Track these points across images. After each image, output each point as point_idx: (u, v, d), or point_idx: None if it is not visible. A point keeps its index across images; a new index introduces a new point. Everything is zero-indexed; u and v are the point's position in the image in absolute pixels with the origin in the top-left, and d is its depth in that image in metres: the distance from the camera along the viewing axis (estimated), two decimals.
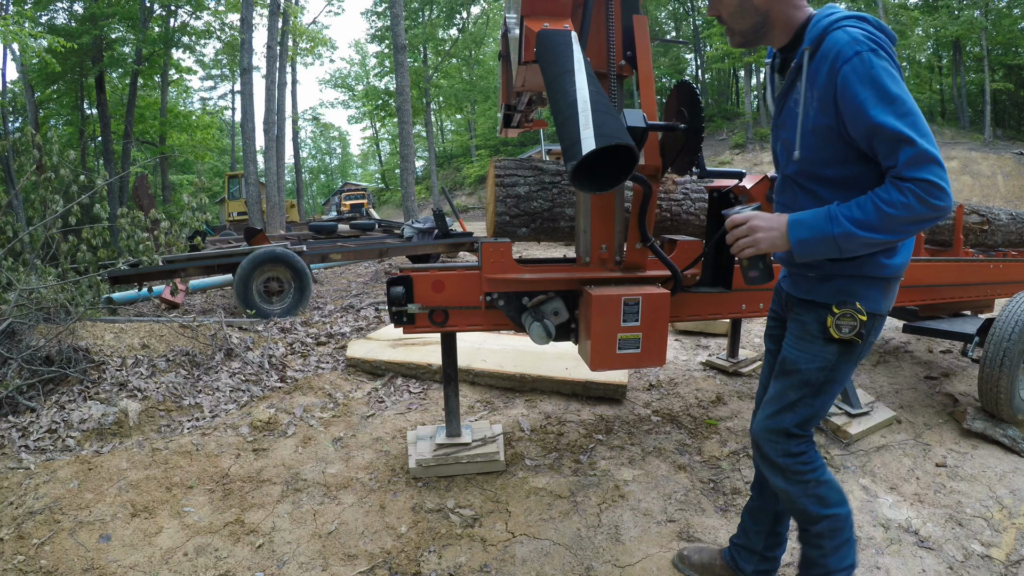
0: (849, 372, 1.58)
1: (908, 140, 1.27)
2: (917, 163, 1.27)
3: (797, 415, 1.59)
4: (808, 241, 1.40)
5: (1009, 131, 26.19)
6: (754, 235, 1.46)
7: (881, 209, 1.31)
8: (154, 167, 24.30)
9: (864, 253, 1.42)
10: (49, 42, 13.52)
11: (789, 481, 1.62)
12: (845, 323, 1.48)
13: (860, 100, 1.31)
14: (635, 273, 2.20)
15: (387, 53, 32.25)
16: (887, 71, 1.31)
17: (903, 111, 1.29)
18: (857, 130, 1.35)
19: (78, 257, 4.01)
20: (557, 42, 1.77)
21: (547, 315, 2.17)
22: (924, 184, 1.27)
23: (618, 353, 2.03)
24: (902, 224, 1.31)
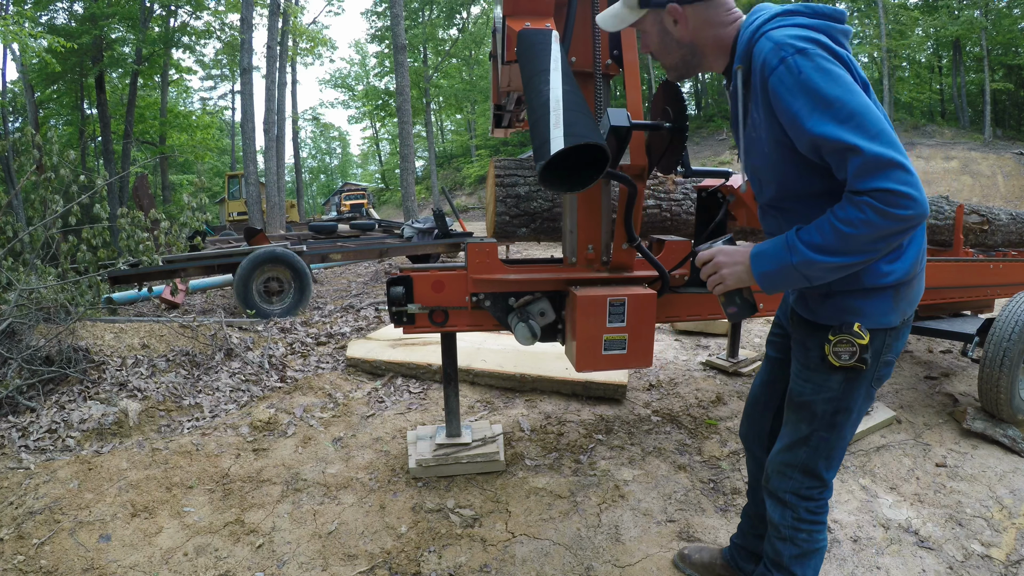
0: (862, 399, 1.43)
1: (853, 148, 1.12)
2: (869, 172, 1.12)
3: (812, 449, 1.47)
4: (771, 274, 1.29)
5: (1009, 131, 26.19)
6: (719, 272, 1.38)
7: (839, 230, 1.17)
8: (154, 167, 24.30)
9: (838, 277, 1.28)
10: (49, 42, 13.53)
11: (785, 519, 1.52)
12: (843, 349, 1.35)
13: (794, 112, 1.19)
14: (622, 273, 2.18)
15: (387, 53, 32.25)
16: (820, 71, 1.16)
17: (844, 114, 1.14)
18: (802, 146, 1.23)
19: (78, 257, 4.01)
20: (535, 42, 1.75)
21: (533, 316, 2.16)
22: (881, 194, 1.11)
23: (604, 354, 2.01)
24: (868, 243, 1.16)
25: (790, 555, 1.51)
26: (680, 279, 2.30)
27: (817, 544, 1.51)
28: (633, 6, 1.42)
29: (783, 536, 1.52)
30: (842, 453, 1.50)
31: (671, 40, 1.43)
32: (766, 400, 1.75)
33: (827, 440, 1.46)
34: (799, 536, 1.50)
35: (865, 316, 1.35)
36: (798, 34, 1.21)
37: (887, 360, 1.42)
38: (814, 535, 1.51)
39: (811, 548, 1.51)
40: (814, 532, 1.51)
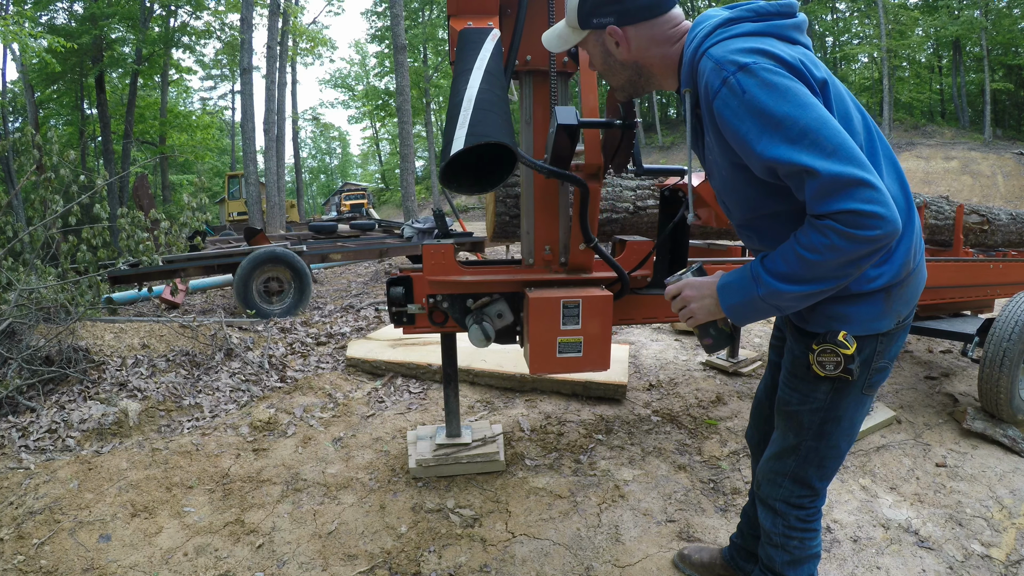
0: (854, 407, 1.37)
1: (808, 171, 1.04)
2: (828, 193, 1.03)
3: (801, 459, 1.42)
4: (738, 307, 1.23)
5: (1009, 131, 26.20)
6: (688, 306, 1.32)
7: (803, 257, 1.09)
8: (154, 167, 24.31)
9: (811, 303, 1.21)
10: (49, 42, 13.53)
11: (776, 526, 1.50)
12: (827, 359, 1.28)
13: (743, 136, 1.11)
14: (579, 275, 2.15)
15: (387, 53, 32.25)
16: (766, 87, 1.08)
17: (795, 133, 1.05)
18: (757, 170, 1.16)
19: (78, 257, 4.01)
20: (468, 40, 1.73)
21: (490, 317, 2.14)
22: (844, 216, 1.02)
23: (558, 357, 1.98)
24: (835, 268, 1.08)
25: (782, 561, 1.50)
26: (643, 280, 2.27)
27: (810, 551, 1.48)
28: (575, 26, 1.36)
29: (775, 543, 1.50)
30: (836, 462, 1.44)
31: (614, 62, 1.36)
32: (769, 404, 1.73)
33: (816, 449, 1.41)
34: (790, 543, 1.48)
35: (853, 323, 1.27)
36: (740, 47, 1.12)
37: (880, 366, 1.35)
38: (806, 542, 1.48)
39: (803, 555, 1.48)
40: (806, 539, 1.48)
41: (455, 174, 1.49)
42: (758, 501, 1.56)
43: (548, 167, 1.86)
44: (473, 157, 1.47)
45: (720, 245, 3.57)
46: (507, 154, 1.48)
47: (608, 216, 2.82)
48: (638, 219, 2.86)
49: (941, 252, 3.66)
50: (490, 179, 1.53)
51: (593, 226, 2.05)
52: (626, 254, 2.23)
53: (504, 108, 1.54)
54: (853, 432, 1.41)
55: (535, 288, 2.08)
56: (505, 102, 1.58)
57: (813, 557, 1.50)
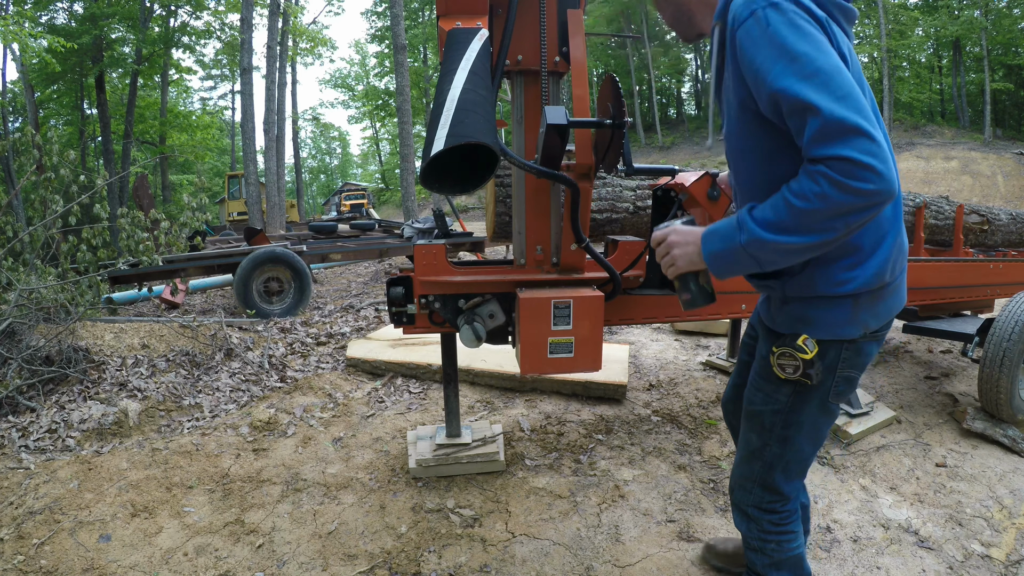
0: (818, 412, 1.35)
1: (811, 108, 1.00)
2: (827, 137, 0.99)
3: (766, 464, 1.42)
4: (720, 254, 1.18)
5: (1009, 131, 26.20)
6: (671, 252, 1.28)
7: (792, 204, 1.05)
8: (154, 167, 24.31)
9: (791, 263, 1.16)
10: (49, 42, 13.54)
11: (751, 531, 1.50)
12: (786, 362, 1.28)
13: (757, 63, 1.09)
14: (571, 275, 2.15)
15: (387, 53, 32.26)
16: (790, 24, 1.06)
17: (809, 70, 1.02)
18: (763, 104, 1.12)
19: (78, 257, 4.01)
20: (455, 41, 1.72)
21: (482, 318, 2.14)
22: (838, 163, 0.98)
23: (549, 357, 1.98)
24: (822, 220, 1.03)
25: (763, 564, 1.50)
26: (636, 280, 2.27)
27: (789, 552, 1.47)
28: None
29: (753, 547, 1.51)
30: (802, 465, 1.43)
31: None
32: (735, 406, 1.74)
33: (781, 456, 1.40)
34: (768, 547, 1.48)
35: (818, 326, 1.26)
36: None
37: (847, 376, 1.31)
38: (784, 544, 1.47)
39: (783, 557, 1.47)
40: (783, 542, 1.47)
41: (436, 175, 1.48)
42: (732, 506, 1.56)
43: (537, 167, 1.85)
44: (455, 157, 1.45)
45: None
46: (489, 154, 1.47)
47: (608, 216, 2.82)
48: (638, 219, 2.86)
49: (941, 252, 3.66)
50: (472, 180, 1.52)
51: (584, 226, 2.04)
52: (618, 254, 2.22)
53: (488, 108, 1.53)
54: (818, 437, 1.39)
55: (526, 288, 2.08)
56: (489, 102, 1.56)
57: (794, 558, 1.49)
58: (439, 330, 2.26)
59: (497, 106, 2.25)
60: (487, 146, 1.43)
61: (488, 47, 1.74)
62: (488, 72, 1.68)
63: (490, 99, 1.58)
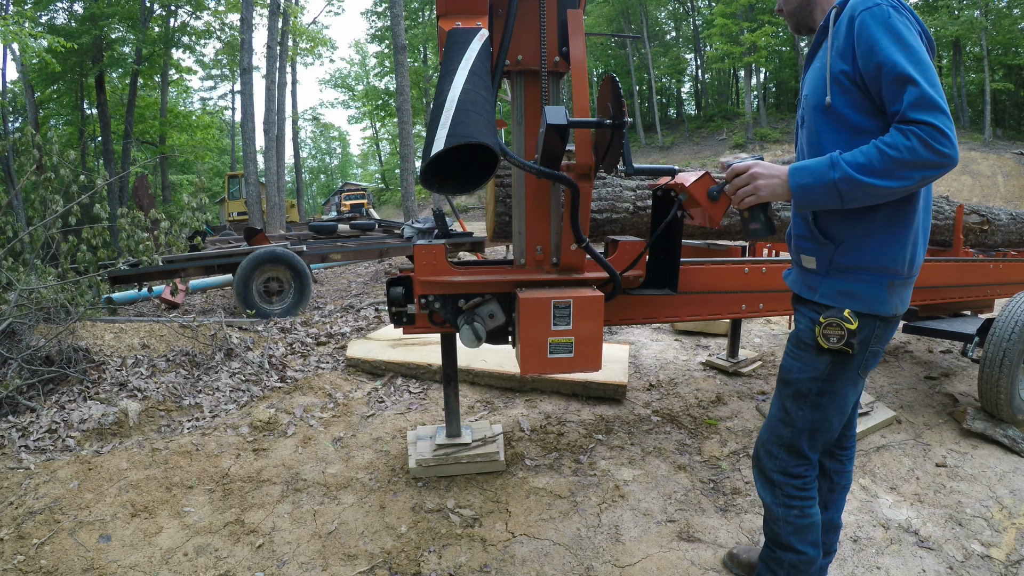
0: (849, 384, 1.51)
1: (914, 81, 1.25)
2: (922, 106, 1.24)
3: (796, 430, 1.54)
4: (808, 187, 1.36)
5: (1009, 131, 26.19)
6: (755, 182, 1.43)
7: (884, 152, 1.27)
8: (154, 167, 24.31)
9: (867, 203, 1.35)
10: (49, 42, 13.53)
11: (776, 498, 1.59)
12: (832, 332, 1.43)
13: (875, 39, 1.30)
14: (571, 275, 2.15)
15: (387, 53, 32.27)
16: (905, 24, 1.30)
17: (915, 58, 1.27)
18: (868, 67, 1.32)
19: (78, 257, 4.01)
20: (455, 41, 1.72)
21: (482, 318, 2.14)
22: (928, 128, 1.23)
23: (549, 357, 1.98)
24: (906, 168, 1.26)
25: (787, 532, 1.58)
26: (636, 280, 2.26)
27: (810, 519, 1.57)
28: None
29: (776, 516, 1.60)
30: (826, 436, 1.55)
31: None
32: None
33: (810, 420, 1.52)
34: (791, 513, 1.57)
35: (860, 300, 1.43)
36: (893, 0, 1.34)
37: (875, 350, 1.49)
38: (806, 510, 1.57)
39: (805, 523, 1.57)
40: (805, 507, 1.57)
41: (436, 175, 1.48)
42: (755, 474, 1.66)
43: (537, 168, 1.84)
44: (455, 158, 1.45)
45: (720, 245, 3.57)
46: (489, 154, 1.47)
47: (608, 216, 2.82)
48: (638, 219, 2.86)
49: (941, 252, 3.66)
50: (472, 180, 1.52)
51: (584, 226, 2.04)
52: (618, 254, 2.22)
53: (488, 108, 1.53)
54: (844, 408, 1.53)
55: (526, 288, 2.08)
56: (490, 102, 1.56)
57: (813, 525, 1.58)
58: (439, 330, 2.26)
59: (497, 106, 2.25)
60: (487, 146, 1.43)
61: (488, 47, 1.74)
62: (488, 72, 1.68)
63: (490, 99, 1.58)
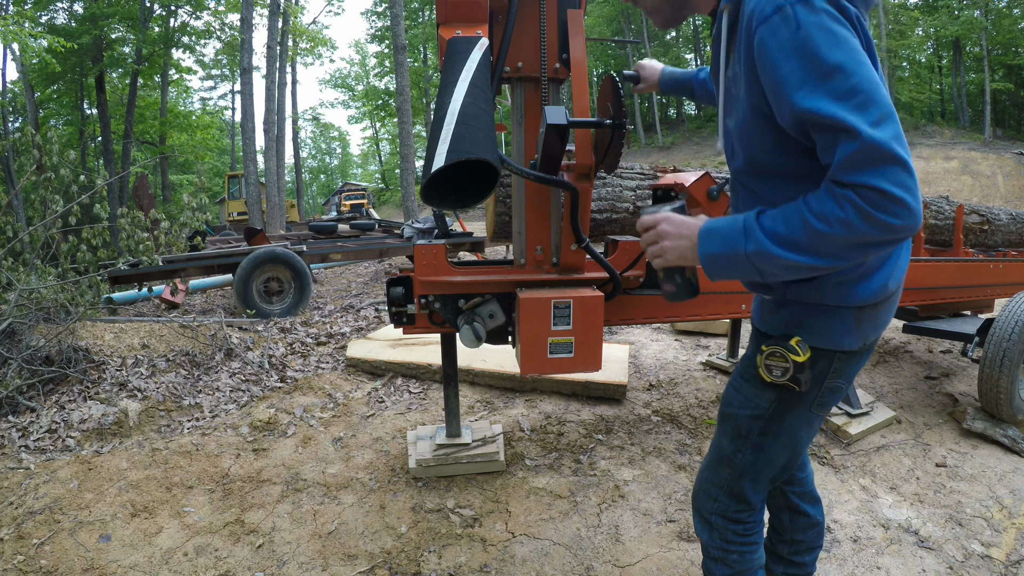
0: (800, 424, 1.26)
1: (849, 130, 0.90)
2: (862, 162, 0.90)
3: (736, 471, 1.33)
4: (718, 258, 1.08)
5: (1009, 131, 26.20)
6: (661, 243, 1.16)
7: (810, 225, 0.95)
8: (154, 167, 24.32)
9: (793, 278, 1.09)
10: (49, 42, 13.54)
11: (713, 540, 1.40)
12: (775, 363, 1.18)
13: (782, 76, 0.96)
14: (571, 275, 2.15)
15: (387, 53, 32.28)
16: (823, 28, 0.92)
17: (845, 88, 0.91)
18: (783, 118, 1.00)
19: (78, 257, 4.01)
20: (455, 51, 1.71)
21: (482, 318, 2.14)
22: (870, 192, 0.89)
23: (549, 358, 1.97)
24: (841, 247, 0.95)
25: (723, 575, 1.42)
26: (635, 280, 2.26)
27: (751, 563, 1.39)
28: None
29: (714, 557, 1.42)
30: (774, 476, 1.34)
31: None
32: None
33: (752, 463, 1.31)
34: (730, 558, 1.39)
35: (814, 333, 1.17)
36: None
37: (834, 386, 1.23)
38: (747, 555, 1.39)
39: (745, 568, 1.39)
40: (746, 552, 1.39)
41: (437, 190, 1.48)
42: (694, 514, 1.47)
43: (536, 174, 1.85)
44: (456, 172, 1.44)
45: None
46: (490, 170, 1.46)
47: (608, 216, 2.82)
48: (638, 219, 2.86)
49: (941, 252, 3.66)
50: (473, 195, 1.51)
51: (584, 226, 2.04)
52: (618, 254, 2.22)
53: (488, 122, 1.52)
54: (795, 448, 1.31)
55: (526, 288, 2.08)
56: (490, 115, 1.55)
57: (754, 569, 1.41)
58: (439, 330, 2.26)
59: (497, 109, 2.25)
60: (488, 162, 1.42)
61: (488, 56, 1.73)
62: (488, 84, 1.67)
63: (491, 112, 1.57)
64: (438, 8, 1.89)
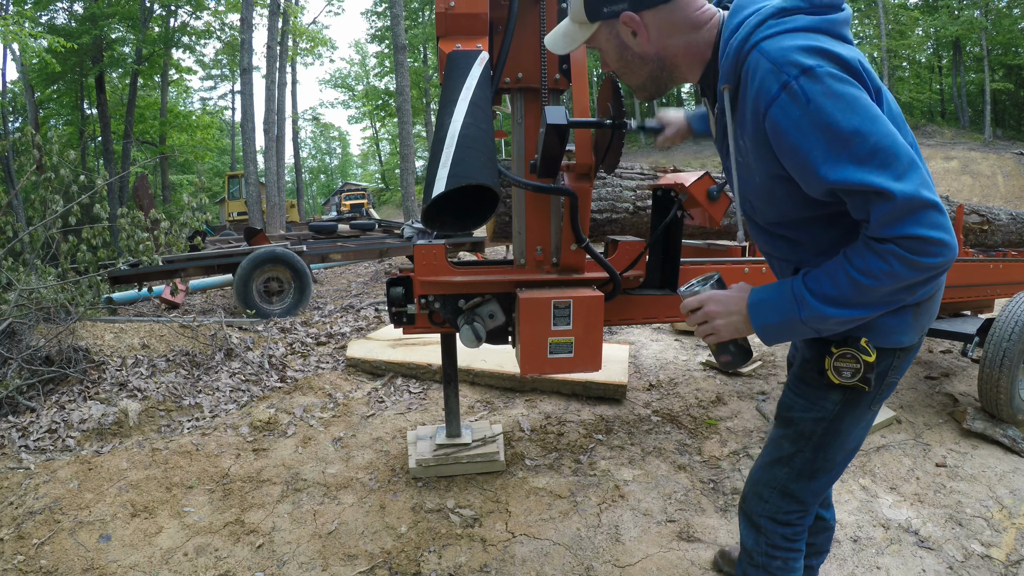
0: (858, 423, 1.29)
1: (879, 192, 0.94)
2: (897, 218, 0.94)
3: (793, 470, 1.33)
4: (774, 327, 1.13)
5: (1009, 131, 26.20)
6: (712, 323, 1.20)
7: (857, 281, 1.00)
8: (154, 167, 24.31)
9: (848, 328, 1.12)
10: (49, 42, 13.54)
11: (759, 545, 1.39)
12: (845, 365, 1.19)
13: (803, 155, 0.99)
14: (571, 275, 2.15)
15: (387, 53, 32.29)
16: (832, 96, 0.95)
17: (865, 151, 0.94)
18: (813, 190, 1.04)
19: (78, 257, 4.01)
20: (455, 66, 1.70)
21: (482, 318, 2.14)
22: (910, 242, 0.94)
23: (549, 357, 1.97)
24: (888, 295, 1.01)
25: (764, 572, 1.40)
26: (636, 280, 2.27)
27: (792, 572, 1.38)
28: (582, 20, 1.19)
29: (756, 563, 1.40)
30: (829, 477, 1.35)
31: (632, 56, 1.20)
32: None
33: (812, 462, 1.32)
34: (773, 564, 1.38)
35: (878, 333, 1.18)
36: (800, 44, 0.98)
37: (891, 381, 1.27)
38: (789, 563, 1.38)
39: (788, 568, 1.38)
40: (790, 560, 1.38)
41: (438, 213, 1.47)
42: (740, 516, 1.47)
43: (535, 184, 1.86)
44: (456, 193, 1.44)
45: (720, 245, 3.57)
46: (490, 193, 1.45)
47: (608, 216, 2.82)
48: (638, 219, 2.86)
49: None
50: (473, 218, 1.51)
51: (584, 226, 2.04)
52: (618, 254, 2.22)
53: (488, 143, 1.51)
54: (850, 448, 1.33)
55: (526, 288, 2.08)
56: (490, 135, 1.54)
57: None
58: (439, 330, 2.26)
59: (497, 116, 2.26)
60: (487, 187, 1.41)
61: (488, 71, 1.73)
62: (489, 102, 1.67)
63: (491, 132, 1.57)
64: (438, 22, 1.88)
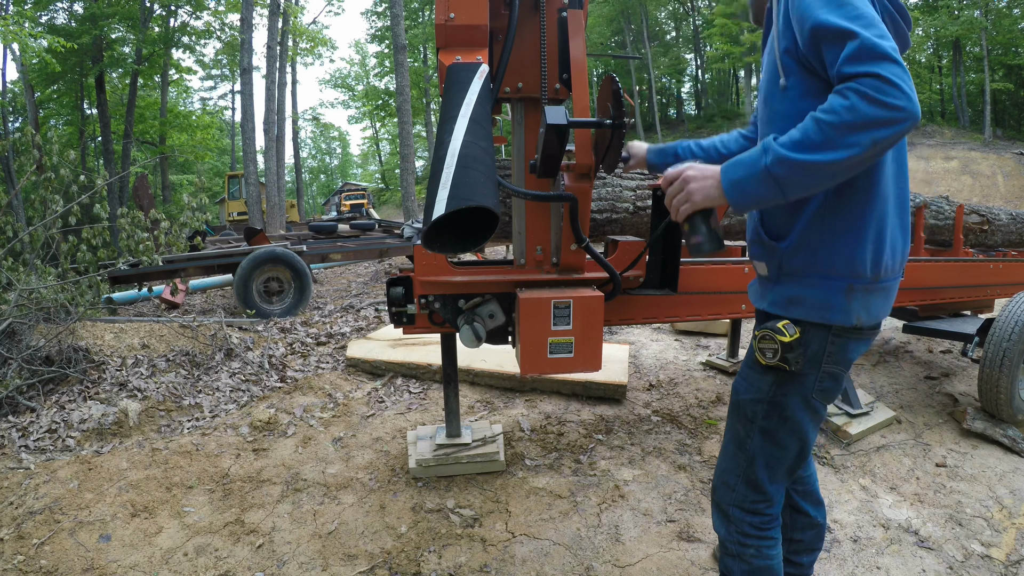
0: (802, 409, 1.33)
1: (851, 34, 1.06)
2: (860, 56, 1.04)
3: (749, 458, 1.39)
4: (741, 181, 1.16)
5: (1009, 131, 26.18)
6: (687, 187, 1.24)
7: (820, 120, 1.07)
8: (154, 167, 24.30)
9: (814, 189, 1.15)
10: (49, 42, 13.53)
11: (730, 534, 1.44)
12: (766, 346, 1.27)
13: (806, 5, 1.15)
14: (571, 275, 2.15)
15: (387, 53, 32.29)
16: None
17: (854, 13, 1.09)
18: (804, 39, 1.17)
19: (78, 257, 4.01)
20: (455, 80, 1.69)
21: (482, 318, 2.14)
22: (869, 79, 1.02)
23: (549, 357, 1.97)
24: (848, 132, 1.04)
25: (740, 571, 1.44)
26: (636, 280, 2.27)
27: (768, 560, 1.42)
28: None
29: (731, 552, 1.45)
30: (787, 463, 1.39)
31: None
32: None
33: (762, 448, 1.37)
34: (747, 552, 1.42)
35: (809, 306, 1.27)
36: None
37: (832, 372, 1.31)
38: (763, 551, 1.42)
39: (761, 564, 1.42)
40: (763, 548, 1.42)
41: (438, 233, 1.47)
42: (712, 506, 1.53)
43: (534, 193, 1.87)
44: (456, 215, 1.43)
45: None
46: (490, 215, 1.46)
47: (608, 216, 2.82)
48: (638, 219, 2.85)
49: (941, 252, 3.66)
50: (472, 238, 1.51)
51: (584, 226, 2.04)
52: (618, 254, 2.22)
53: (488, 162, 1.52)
54: (804, 435, 1.37)
55: (526, 288, 2.08)
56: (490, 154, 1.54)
57: (772, 568, 1.43)
58: (439, 330, 2.26)
59: (496, 123, 2.25)
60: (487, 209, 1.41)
61: (488, 85, 1.73)
62: (489, 117, 1.67)
63: (490, 149, 1.57)
64: (438, 33, 1.87)
